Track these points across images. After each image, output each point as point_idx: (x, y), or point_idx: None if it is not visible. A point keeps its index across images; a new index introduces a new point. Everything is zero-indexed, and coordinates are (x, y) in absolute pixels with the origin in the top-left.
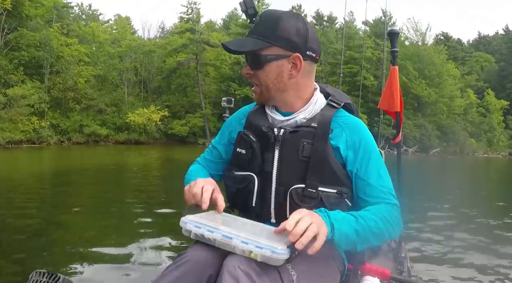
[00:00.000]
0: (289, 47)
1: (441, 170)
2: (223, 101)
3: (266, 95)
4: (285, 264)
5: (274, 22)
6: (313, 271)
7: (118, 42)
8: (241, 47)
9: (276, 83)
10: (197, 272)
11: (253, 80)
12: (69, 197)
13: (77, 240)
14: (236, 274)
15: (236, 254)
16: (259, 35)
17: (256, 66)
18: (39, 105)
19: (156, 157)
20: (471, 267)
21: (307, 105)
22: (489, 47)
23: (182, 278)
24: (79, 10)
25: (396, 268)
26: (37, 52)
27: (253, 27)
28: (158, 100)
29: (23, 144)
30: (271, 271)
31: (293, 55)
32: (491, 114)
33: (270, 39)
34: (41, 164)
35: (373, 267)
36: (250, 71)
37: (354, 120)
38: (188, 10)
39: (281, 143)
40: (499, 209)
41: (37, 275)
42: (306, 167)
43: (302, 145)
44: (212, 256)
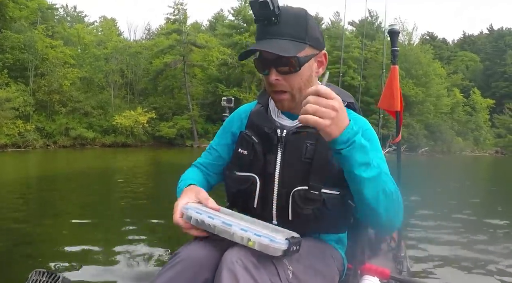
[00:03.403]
0: (317, 45)
1: (433, 169)
2: (223, 101)
3: (298, 99)
4: (282, 259)
5: (304, 21)
6: (310, 268)
7: (103, 43)
8: (285, 51)
9: (307, 84)
10: (192, 271)
11: (282, 87)
12: (55, 201)
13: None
14: (234, 269)
15: (234, 249)
16: (292, 36)
17: (292, 69)
18: (24, 108)
19: (144, 160)
20: (471, 267)
21: None
22: (474, 46)
23: (177, 277)
24: (64, 12)
25: (395, 268)
26: (22, 54)
27: (276, 27)
28: (145, 102)
29: (8, 148)
30: (268, 265)
31: (321, 53)
32: (477, 113)
33: (305, 40)
34: (27, 168)
35: (372, 267)
36: (279, 78)
37: (361, 120)
38: (175, 11)
39: (284, 145)
40: (498, 209)
41: (37, 274)
42: (309, 169)
43: (305, 146)
44: (207, 255)
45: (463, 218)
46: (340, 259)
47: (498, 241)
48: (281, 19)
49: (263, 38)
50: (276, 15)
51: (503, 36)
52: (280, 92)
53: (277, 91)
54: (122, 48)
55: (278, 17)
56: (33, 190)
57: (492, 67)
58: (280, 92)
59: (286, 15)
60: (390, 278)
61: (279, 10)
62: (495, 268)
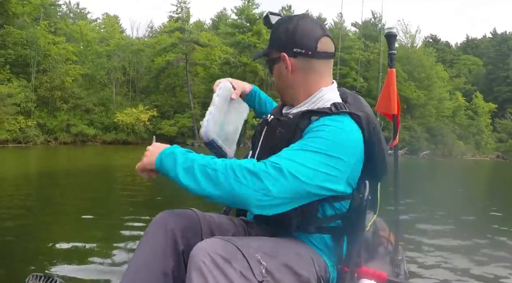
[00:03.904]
0: (279, 48)
1: (434, 173)
2: None
3: (283, 96)
4: (254, 254)
5: (273, 29)
6: (286, 267)
7: (106, 40)
8: (257, 55)
9: (282, 83)
10: (161, 225)
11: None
12: (55, 198)
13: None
14: (202, 265)
15: (202, 243)
16: (268, 43)
17: (270, 71)
18: (25, 104)
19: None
20: (469, 271)
21: (305, 101)
22: (477, 50)
23: (149, 237)
24: (66, 8)
25: (392, 271)
26: (24, 50)
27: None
28: (147, 100)
29: (9, 143)
30: (239, 259)
31: (281, 55)
32: (479, 117)
33: (271, 45)
34: (27, 164)
35: (369, 270)
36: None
37: (335, 122)
38: (178, 9)
39: (266, 128)
40: (498, 214)
41: (34, 278)
42: (274, 153)
43: (276, 132)
44: (175, 213)
45: (462, 222)
46: (323, 263)
47: (497, 246)
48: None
49: None
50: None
51: (506, 40)
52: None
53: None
54: (125, 45)
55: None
56: (33, 186)
57: (495, 71)
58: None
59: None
60: (387, 281)
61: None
62: (493, 273)
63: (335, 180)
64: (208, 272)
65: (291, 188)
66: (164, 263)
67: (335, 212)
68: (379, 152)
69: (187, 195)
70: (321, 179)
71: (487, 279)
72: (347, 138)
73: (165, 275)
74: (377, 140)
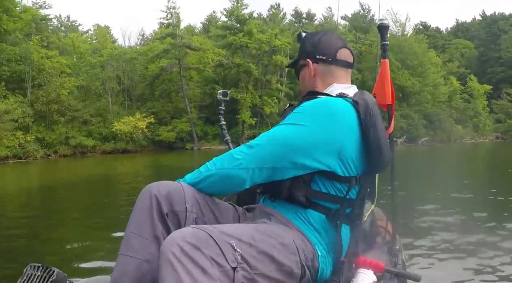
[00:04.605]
0: (305, 56)
1: (433, 159)
2: (218, 94)
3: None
4: (228, 240)
5: (301, 43)
6: (265, 255)
7: (99, 51)
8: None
9: (305, 86)
10: (147, 194)
11: None
12: (58, 212)
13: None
14: (171, 255)
15: (171, 235)
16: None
17: (296, 76)
18: (23, 120)
19: (145, 165)
20: (466, 260)
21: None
22: (467, 33)
23: (137, 205)
24: (57, 22)
25: (390, 261)
26: (18, 66)
27: None
28: (143, 107)
29: (9, 160)
30: (210, 246)
31: (306, 61)
32: (475, 100)
33: (299, 55)
34: (28, 179)
35: (367, 260)
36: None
37: (321, 100)
38: (168, 15)
39: (283, 116)
40: (496, 199)
41: (32, 269)
42: None
43: (285, 117)
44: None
45: (460, 210)
46: (311, 252)
47: (496, 234)
48: None
49: None
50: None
51: (496, 21)
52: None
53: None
54: (118, 55)
55: None
56: (35, 200)
57: (487, 53)
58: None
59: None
60: (384, 271)
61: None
62: (491, 260)
63: (311, 151)
64: (177, 261)
65: (259, 157)
66: (152, 228)
67: (329, 191)
68: (375, 136)
69: None
70: (293, 148)
71: (485, 266)
72: (328, 110)
73: (156, 239)
74: (372, 124)
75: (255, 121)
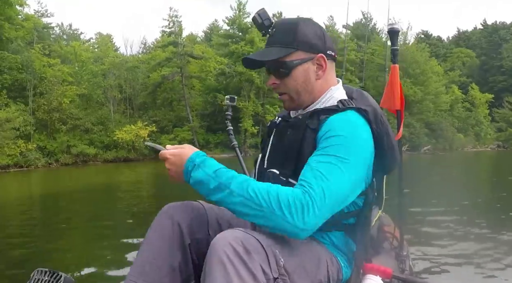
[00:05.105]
0: (312, 49)
1: (437, 167)
2: (226, 99)
3: (297, 101)
4: (274, 249)
5: (293, 28)
6: (302, 268)
7: (100, 60)
8: (266, 56)
9: (305, 86)
10: (167, 217)
11: (280, 89)
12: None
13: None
14: (223, 254)
15: (224, 233)
16: (280, 43)
17: (283, 74)
18: (24, 128)
19: (147, 174)
20: (474, 266)
21: (317, 102)
22: (468, 42)
23: (157, 229)
24: (59, 30)
25: (398, 267)
26: (20, 74)
27: (271, 38)
28: (145, 116)
29: (10, 168)
30: (259, 252)
31: (317, 56)
32: (476, 108)
33: (293, 45)
34: (30, 188)
35: (375, 266)
36: (276, 81)
37: (345, 118)
38: (170, 23)
39: (275, 131)
40: (502, 206)
41: (39, 273)
42: (284, 155)
43: (286, 134)
44: (182, 205)
45: (467, 217)
46: (336, 265)
47: (505, 241)
48: (275, 29)
49: (265, 47)
50: (267, 27)
51: (497, 30)
52: (280, 94)
53: (278, 93)
54: (119, 63)
55: (272, 28)
56: (36, 209)
57: (488, 62)
58: (280, 93)
59: (278, 25)
60: (392, 277)
61: (271, 22)
62: (500, 268)
63: (361, 184)
64: (230, 263)
65: (328, 212)
66: (171, 257)
67: (353, 209)
68: (388, 144)
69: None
70: (355, 193)
71: (493, 273)
72: (361, 136)
73: (172, 270)
74: (385, 133)
75: (257, 130)
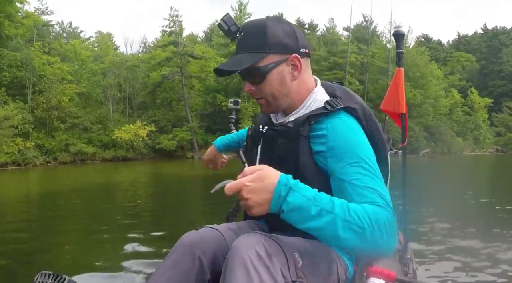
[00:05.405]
0: (285, 50)
1: (437, 171)
2: (230, 103)
3: (275, 104)
4: (292, 252)
5: (262, 31)
6: (316, 268)
7: (100, 58)
8: (239, 65)
9: (281, 89)
10: (187, 253)
11: (256, 95)
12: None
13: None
14: (246, 256)
15: (245, 236)
16: (250, 48)
17: (258, 79)
18: (23, 126)
19: (145, 173)
20: (478, 269)
21: (301, 106)
22: (469, 46)
23: (174, 265)
24: (59, 28)
25: (401, 270)
26: (19, 72)
27: (240, 43)
28: (144, 115)
29: (8, 166)
30: (280, 256)
31: (291, 57)
32: (476, 112)
33: (265, 49)
34: (28, 186)
35: (378, 269)
36: (252, 87)
37: (342, 120)
38: (170, 23)
39: (263, 141)
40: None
41: (43, 276)
42: (279, 166)
43: (277, 144)
44: (202, 237)
45: (470, 220)
46: (344, 265)
47: (508, 244)
48: (244, 34)
49: (235, 54)
50: (233, 33)
51: (497, 34)
52: (257, 99)
53: (255, 98)
54: (119, 62)
55: (239, 33)
56: (34, 207)
57: (488, 66)
58: (257, 98)
59: (246, 29)
60: (396, 280)
61: (238, 27)
62: (503, 271)
63: None
64: (252, 266)
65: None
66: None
67: None
68: (380, 140)
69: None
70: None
71: (496, 276)
72: (365, 138)
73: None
74: (375, 129)
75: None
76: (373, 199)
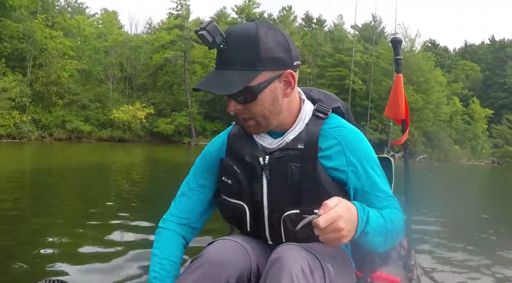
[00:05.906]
0: (279, 66)
1: (437, 177)
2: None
3: (265, 125)
4: (327, 263)
5: (254, 44)
6: (343, 272)
7: (104, 36)
8: (229, 86)
9: (272, 109)
10: (214, 274)
11: (244, 115)
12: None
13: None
14: (292, 270)
15: (289, 248)
16: (240, 64)
17: (248, 99)
18: (20, 99)
19: (140, 156)
20: (481, 275)
21: (297, 122)
22: (474, 56)
23: (200, 281)
24: (64, 2)
25: (405, 276)
26: (20, 44)
27: (225, 54)
28: (144, 97)
29: (2, 139)
30: (318, 270)
31: (285, 73)
32: (475, 122)
33: (257, 66)
34: (21, 161)
35: (383, 275)
36: (239, 107)
37: (350, 131)
38: (178, 6)
39: (269, 172)
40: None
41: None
42: (298, 192)
43: (290, 170)
44: (230, 256)
45: (474, 227)
46: (352, 264)
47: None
48: (230, 44)
49: (216, 68)
50: (219, 44)
51: (504, 47)
52: (244, 119)
53: (241, 118)
54: (123, 41)
55: (224, 44)
56: (27, 184)
57: (492, 78)
58: (244, 119)
59: (234, 39)
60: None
61: (223, 37)
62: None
63: None
64: (297, 281)
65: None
66: None
67: None
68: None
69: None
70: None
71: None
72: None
73: None
74: (353, 121)
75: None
76: (393, 204)
